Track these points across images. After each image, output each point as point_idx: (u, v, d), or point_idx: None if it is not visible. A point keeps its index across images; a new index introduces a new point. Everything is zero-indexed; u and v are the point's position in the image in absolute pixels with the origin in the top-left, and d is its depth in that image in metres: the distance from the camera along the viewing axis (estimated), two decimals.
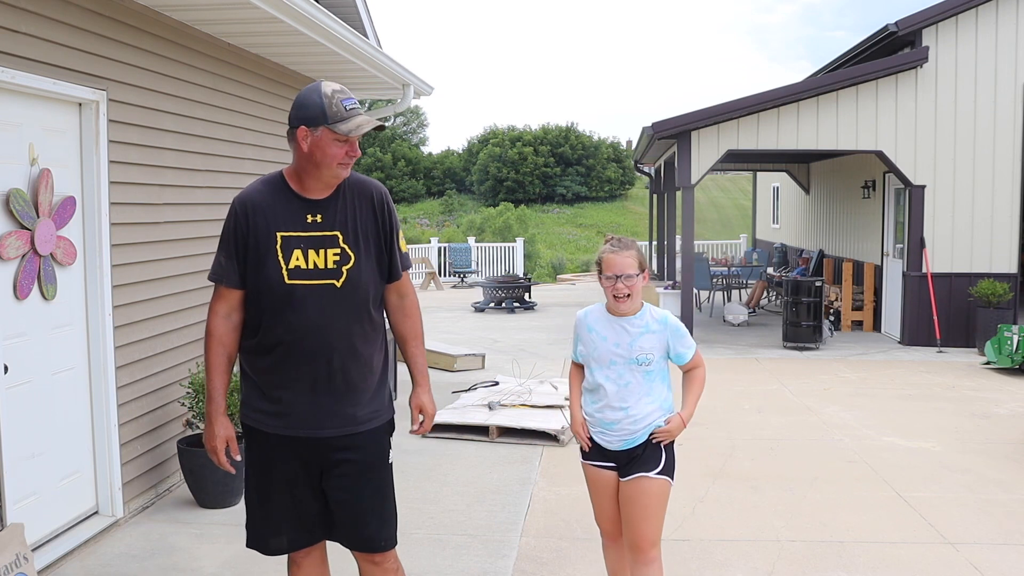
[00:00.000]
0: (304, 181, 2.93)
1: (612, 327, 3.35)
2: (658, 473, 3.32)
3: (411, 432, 3.15)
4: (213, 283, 2.97)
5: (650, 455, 3.33)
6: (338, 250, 2.91)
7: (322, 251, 2.90)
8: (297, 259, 2.88)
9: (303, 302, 2.87)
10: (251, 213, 2.92)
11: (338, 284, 2.90)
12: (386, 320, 3.13)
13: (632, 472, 3.33)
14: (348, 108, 2.86)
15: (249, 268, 2.91)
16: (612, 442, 3.36)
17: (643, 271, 3.31)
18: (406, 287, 3.12)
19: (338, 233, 2.92)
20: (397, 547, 3.09)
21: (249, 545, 3.06)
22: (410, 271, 3.23)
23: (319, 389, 2.91)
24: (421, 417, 3.14)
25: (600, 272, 3.35)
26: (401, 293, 3.11)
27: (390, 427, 3.09)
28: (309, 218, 2.91)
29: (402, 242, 3.09)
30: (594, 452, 3.43)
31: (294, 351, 2.89)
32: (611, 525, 3.50)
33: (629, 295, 3.28)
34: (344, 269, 2.90)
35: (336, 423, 2.92)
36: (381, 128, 3.01)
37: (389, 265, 3.02)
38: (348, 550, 3.07)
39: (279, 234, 2.89)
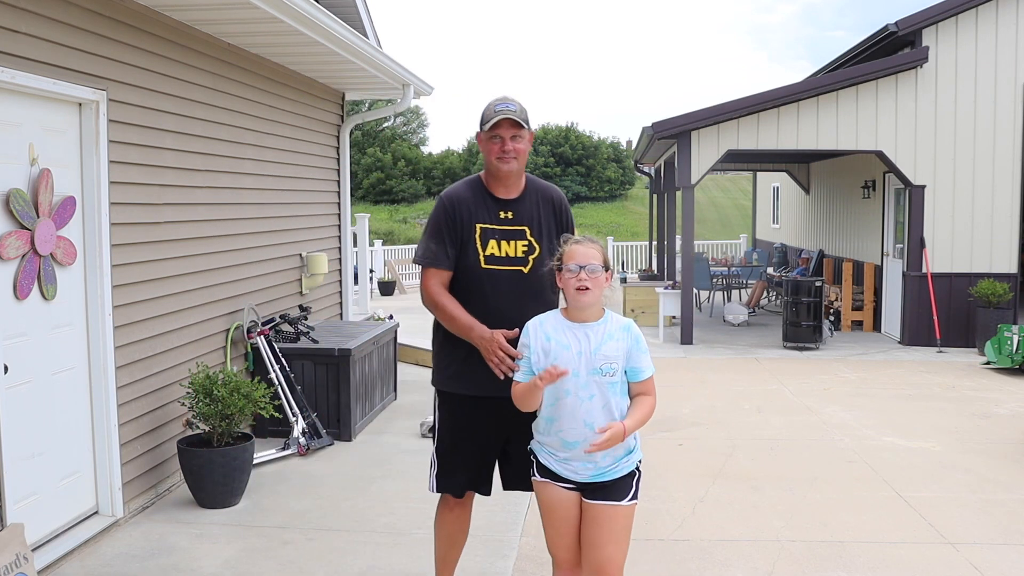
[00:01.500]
0: (491, 181, 3.50)
1: (572, 334, 3.03)
2: (629, 501, 3.06)
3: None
4: (422, 266, 3.49)
5: (623, 484, 3.06)
6: (526, 242, 3.47)
7: (512, 242, 3.46)
8: (492, 247, 3.44)
9: (496, 284, 3.42)
10: (456, 207, 3.47)
11: (525, 270, 3.45)
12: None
13: (600, 499, 3.04)
14: (496, 110, 3.40)
15: (455, 252, 3.45)
16: (576, 472, 3.04)
17: (607, 269, 3.07)
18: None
19: (526, 228, 3.48)
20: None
21: (437, 489, 3.61)
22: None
23: None
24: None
25: (560, 269, 3.08)
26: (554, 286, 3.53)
27: None
28: (502, 214, 3.48)
29: None
30: (551, 470, 3.11)
31: (487, 324, 3.33)
32: (569, 554, 3.14)
33: (590, 288, 2.99)
34: (530, 258, 3.46)
35: (509, 384, 3.28)
36: (516, 124, 3.38)
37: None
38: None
39: (478, 226, 3.45)
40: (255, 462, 5.64)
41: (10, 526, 3.77)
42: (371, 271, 18.30)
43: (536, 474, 3.15)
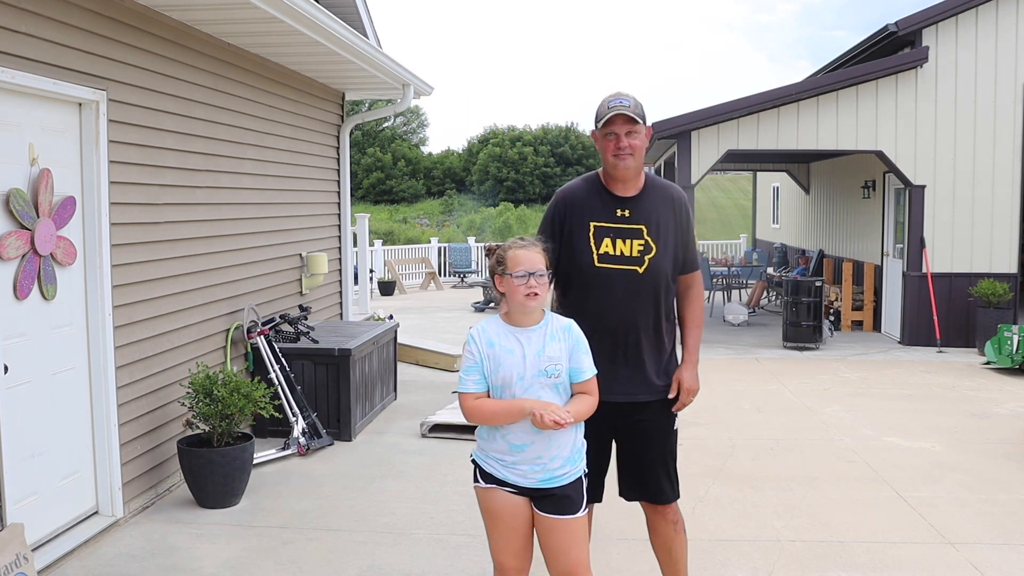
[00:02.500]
0: (608, 178, 3.44)
1: (515, 338, 2.98)
2: (583, 511, 3.04)
3: (673, 410, 3.49)
4: None
5: (574, 495, 3.02)
6: (642, 241, 3.38)
7: (628, 241, 3.37)
8: (606, 246, 3.37)
9: (610, 283, 3.35)
10: (568, 205, 3.44)
11: (640, 270, 3.36)
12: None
13: (555, 513, 3.00)
14: (610, 106, 3.32)
15: (563, 251, 3.40)
16: (525, 475, 2.98)
17: (549, 270, 3.03)
18: (695, 280, 3.57)
19: (643, 227, 3.39)
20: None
21: (623, 495, 3.57)
22: (697, 270, 3.58)
23: (617, 359, 3.36)
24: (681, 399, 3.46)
25: (503, 273, 2.98)
26: (688, 284, 3.57)
27: (670, 401, 3.49)
28: (618, 212, 3.39)
29: (697, 243, 3.43)
30: (495, 477, 3.03)
31: (599, 325, 3.30)
32: (516, 560, 3.05)
33: (539, 294, 2.96)
34: (646, 258, 3.37)
35: (629, 390, 3.39)
36: (631, 120, 3.31)
37: (684, 259, 3.49)
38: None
39: (592, 224, 3.38)
40: (255, 462, 5.64)
41: (10, 526, 3.77)
42: (371, 271, 18.30)
43: (480, 480, 3.07)
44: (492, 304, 15.77)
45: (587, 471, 3.13)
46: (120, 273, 4.98)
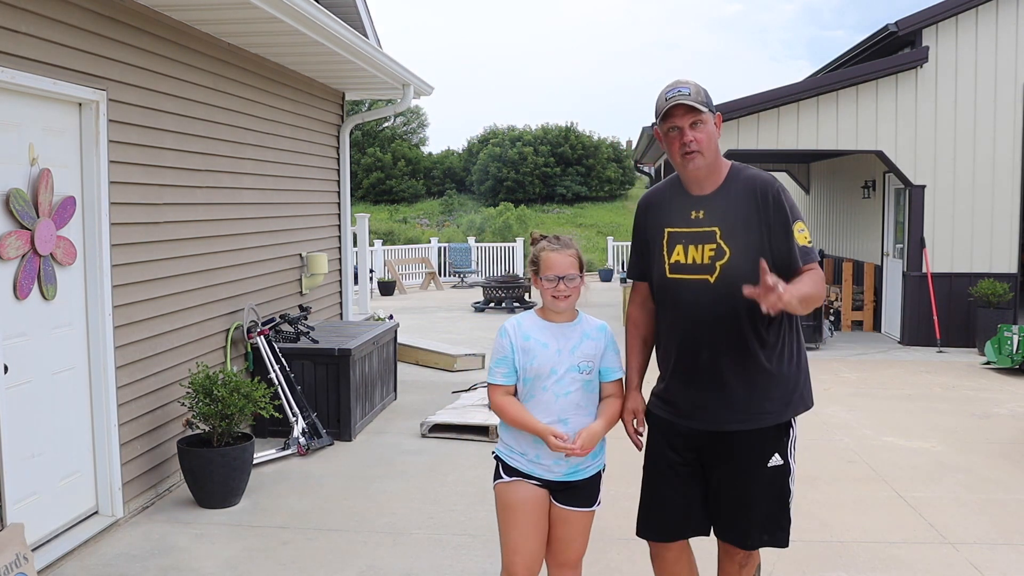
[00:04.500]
0: (683, 177, 3.02)
1: (550, 332, 3.03)
2: (597, 505, 3.13)
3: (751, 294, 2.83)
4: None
5: (592, 488, 3.09)
6: (714, 246, 2.91)
7: (701, 246, 2.93)
8: (678, 254, 2.97)
9: (679, 296, 2.97)
10: (646, 211, 3.12)
11: (711, 279, 2.91)
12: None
13: (571, 504, 3.07)
14: (667, 97, 2.89)
15: (645, 262, 3.10)
16: (550, 469, 3.03)
17: (583, 272, 3.06)
18: (808, 273, 2.88)
19: (716, 229, 2.92)
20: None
21: (637, 532, 3.18)
22: (816, 263, 2.94)
23: (692, 382, 2.98)
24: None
25: (536, 272, 3.04)
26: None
27: (775, 431, 2.98)
28: (693, 214, 2.97)
29: (802, 235, 2.90)
30: (519, 471, 3.08)
31: (672, 343, 3.02)
32: (532, 558, 3.03)
33: (569, 296, 3.01)
34: (718, 265, 2.90)
35: (707, 418, 2.97)
36: (693, 110, 2.87)
37: (788, 259, 2.87)
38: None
39: (667, 230, 3.01)
40: (255, 462, 5.64)
41: (10, 526, 3.77)
42: (371, 271, 18.30)
43: (503, 475, 3.09)
44: (492, 304, 15.77)
45: (647, 501, 3.10)
46: (120, 273, 4.98)
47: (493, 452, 3.19)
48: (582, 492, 3.08)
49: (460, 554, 4.53)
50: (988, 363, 9.79)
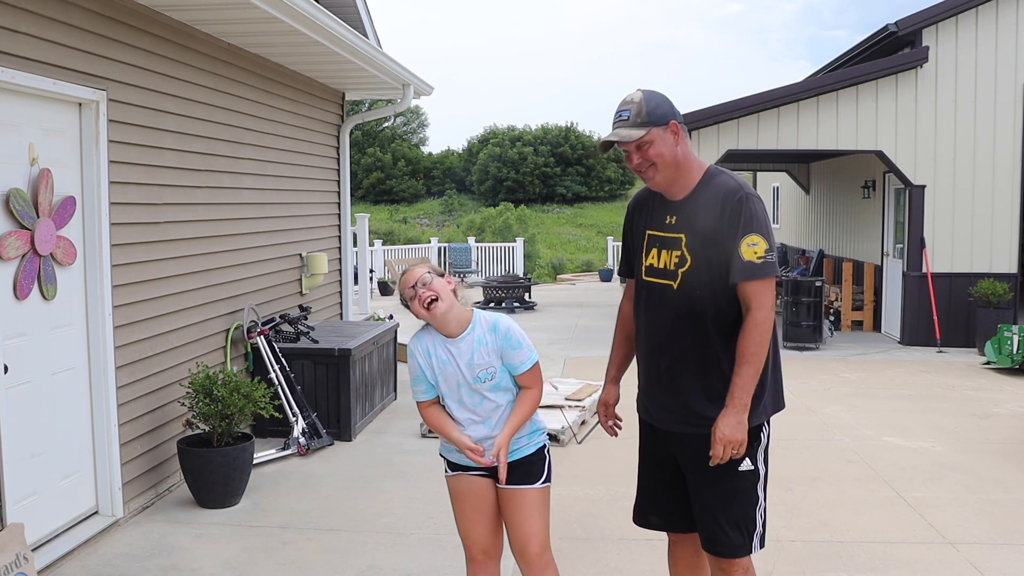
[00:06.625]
0: None
1: (446, 349, 3.10)
2: (541, 484, 3.17)
3: (711, 463, 2.85)
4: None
5: (534, 468, 3.16)
6: (679, 252, 2.92)
7: (670, 252, 2.95)
8: (652, 257, 3.01)
9: (649, 298, 3.01)
10: (635, 211, 3.15)
11: (674, 286, 2.92)
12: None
13: (513, 483, 3.13)
14: (612, 123, 2.94)
15: (632, 260, 3.15)
16: (487, 456, 3.11)
17: (442, 276, 3.10)
18: (751, 297, 2.80)
19: (683, 236, 2.91)
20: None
21: (633, 519, 3.27)
22: (764, 282, 2.80)
23: (657, 384, 3.03)
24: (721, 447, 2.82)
25: (406, 304, 3.08)
26: (745, 304, 2.82)
27: (754, 435, 2.89)
28: (667, 219, 2.98)
29: (750, 249, 2.79)
30: (460, 463, 3.20)
31: (640, 344, 3.08)
32: (483, 544, 3.22)
33: (437, 298, 3.02)
34: (680, 272, 2.91)
35: (669, 419, 3.02)
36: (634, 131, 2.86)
37: (729, 268, 2.82)
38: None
39: (647, 232, 3.05)
40: (255, 462, 5.64)
41: (10, 526, 3.77)
42: (371, 271, 18.30)
43: (448, 471, 3.25)
44: (492, 304, 15.76)
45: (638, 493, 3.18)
46: (120, 273, 4.98)
47: (439, 452, 3.32)
48: (520, 469, 3.13)
49: (460, 554, 4.51)
50: (988, 363, 9.79)
